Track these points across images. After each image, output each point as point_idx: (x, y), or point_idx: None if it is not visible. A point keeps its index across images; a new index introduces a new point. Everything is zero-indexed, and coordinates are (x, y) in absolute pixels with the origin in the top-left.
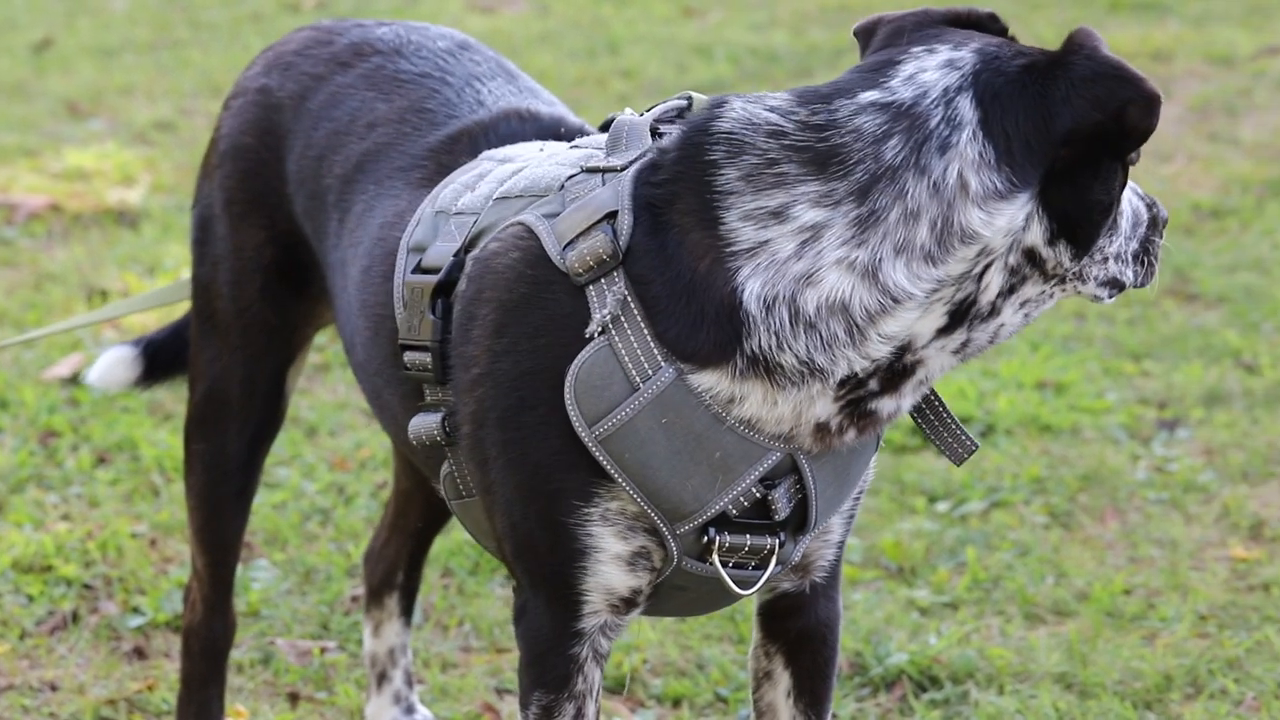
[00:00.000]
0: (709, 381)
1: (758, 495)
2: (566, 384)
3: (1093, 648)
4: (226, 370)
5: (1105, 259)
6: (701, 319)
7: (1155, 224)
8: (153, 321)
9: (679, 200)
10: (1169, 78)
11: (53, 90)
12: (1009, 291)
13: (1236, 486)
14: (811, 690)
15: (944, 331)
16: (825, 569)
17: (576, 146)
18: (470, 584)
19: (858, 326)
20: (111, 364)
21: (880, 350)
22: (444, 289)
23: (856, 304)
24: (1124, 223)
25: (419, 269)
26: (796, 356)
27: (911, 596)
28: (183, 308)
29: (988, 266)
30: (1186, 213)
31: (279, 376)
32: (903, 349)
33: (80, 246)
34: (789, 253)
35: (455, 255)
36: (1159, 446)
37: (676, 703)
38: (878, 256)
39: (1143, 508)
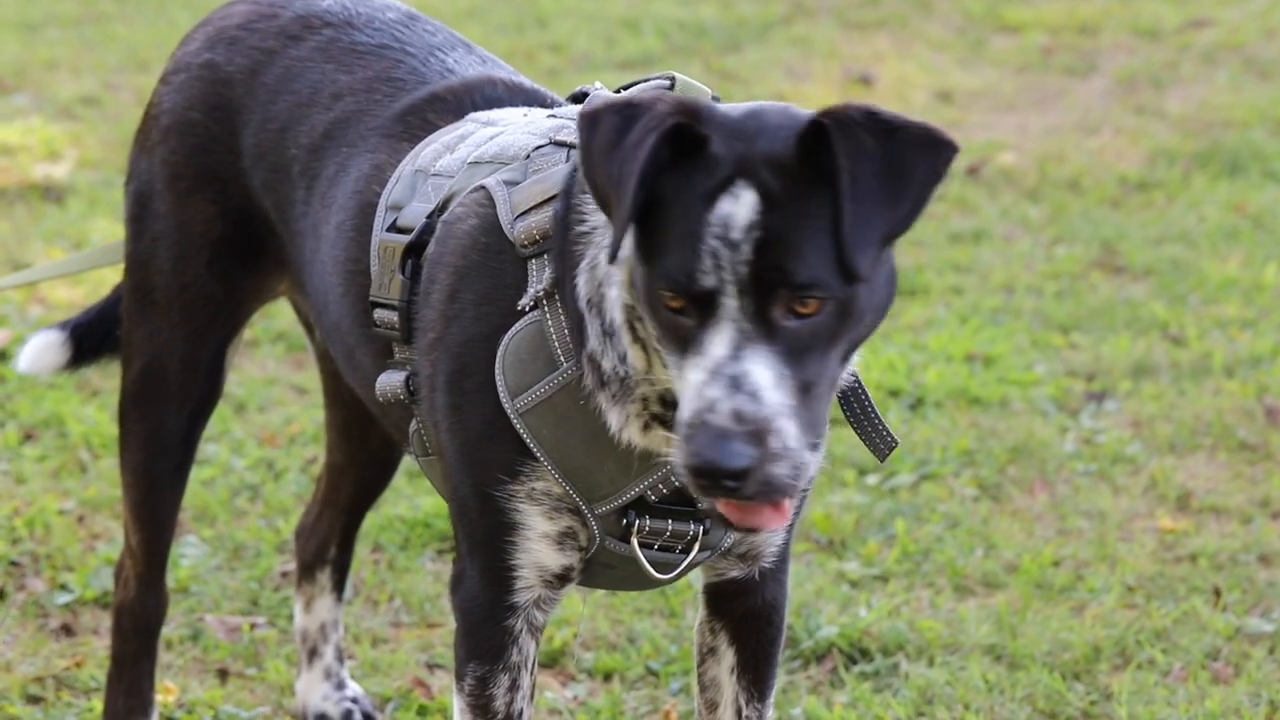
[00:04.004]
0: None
1: (676, 483)
2: (498, 354)
3: (1022, 619)
4: (166, 346)
5: None
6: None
7: None
8: (79, 296)
9: None
10: (1096, 50)
11: None
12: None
13: (1164, 458)
14: (755, 668)
15: None
16: (773, 555)
17: (554, 116)
18: (401, 559)
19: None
20: (40, 349)
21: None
22: (415, 249)
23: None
24: None
25: (394, 228)
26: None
27: (841, 569)
28: (104, 288)
29: None
30: (1113, 185)
31: (220, 352)
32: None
33: (5, 222)
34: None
35: (428, 217)
36: (1087, 418)
37: (608, 676)
38: None
39: (1071, 479)
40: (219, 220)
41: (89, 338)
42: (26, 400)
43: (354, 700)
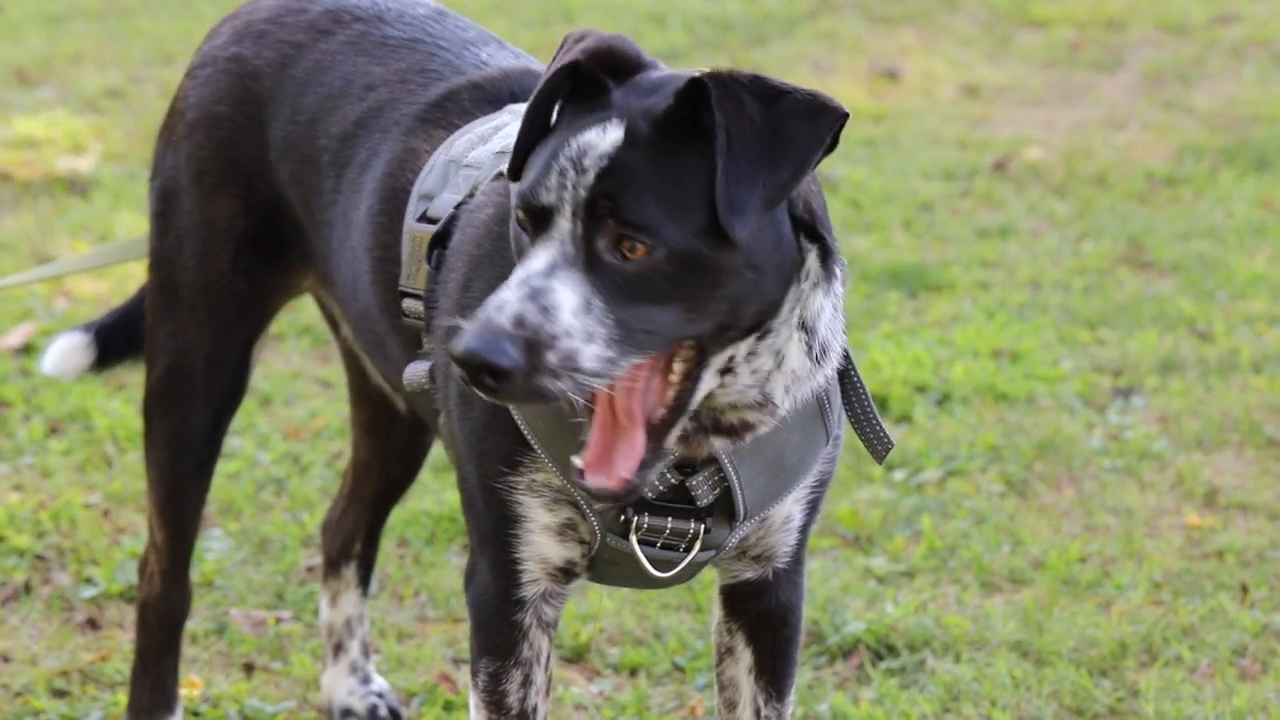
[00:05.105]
0: None
1: (673, 480)
2: None
3: (1048, 615)
4: (191, 344)
5: None
6: None
7: None
8: (105, 290)
9: None
10: (1123, 45)
11: (1, 58)
12: None
13: (1191, 454)
14: (773, 668)
15: None
16: (788, 555)
17: None
18: (426, 554)
19: None
20: (65, 351)
21: None
22: (441, 239)
23: None
24: None
25: (424, 217)
26: None
27: (868, 565)
28: (129, 282)
29: None
30: (1141, 181)
31: (246, 348)
32: None
33: (30, 215)
34: None
35: (456, 207)
36: (1114, 414)
37: (634, 672)
38: None
39: (1098, 476)
40: (244, 215)
41: (114, 339)
42: (52, 394)
43: (379, 695)
